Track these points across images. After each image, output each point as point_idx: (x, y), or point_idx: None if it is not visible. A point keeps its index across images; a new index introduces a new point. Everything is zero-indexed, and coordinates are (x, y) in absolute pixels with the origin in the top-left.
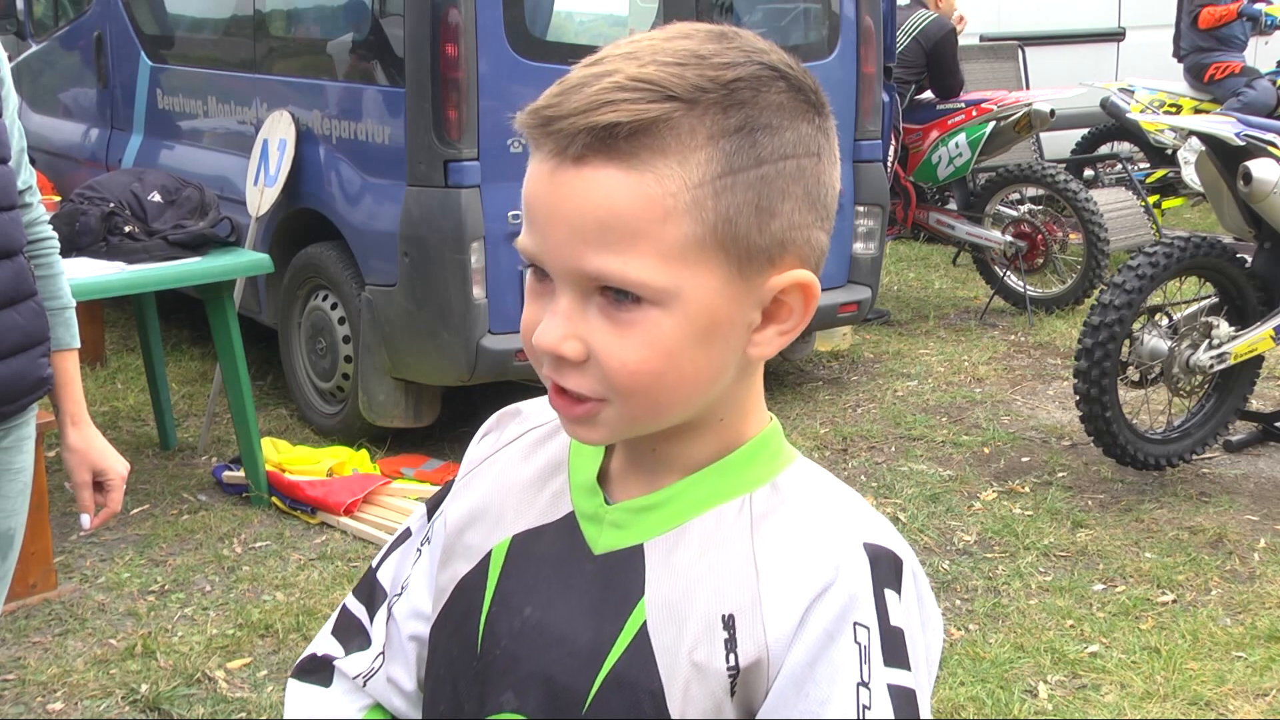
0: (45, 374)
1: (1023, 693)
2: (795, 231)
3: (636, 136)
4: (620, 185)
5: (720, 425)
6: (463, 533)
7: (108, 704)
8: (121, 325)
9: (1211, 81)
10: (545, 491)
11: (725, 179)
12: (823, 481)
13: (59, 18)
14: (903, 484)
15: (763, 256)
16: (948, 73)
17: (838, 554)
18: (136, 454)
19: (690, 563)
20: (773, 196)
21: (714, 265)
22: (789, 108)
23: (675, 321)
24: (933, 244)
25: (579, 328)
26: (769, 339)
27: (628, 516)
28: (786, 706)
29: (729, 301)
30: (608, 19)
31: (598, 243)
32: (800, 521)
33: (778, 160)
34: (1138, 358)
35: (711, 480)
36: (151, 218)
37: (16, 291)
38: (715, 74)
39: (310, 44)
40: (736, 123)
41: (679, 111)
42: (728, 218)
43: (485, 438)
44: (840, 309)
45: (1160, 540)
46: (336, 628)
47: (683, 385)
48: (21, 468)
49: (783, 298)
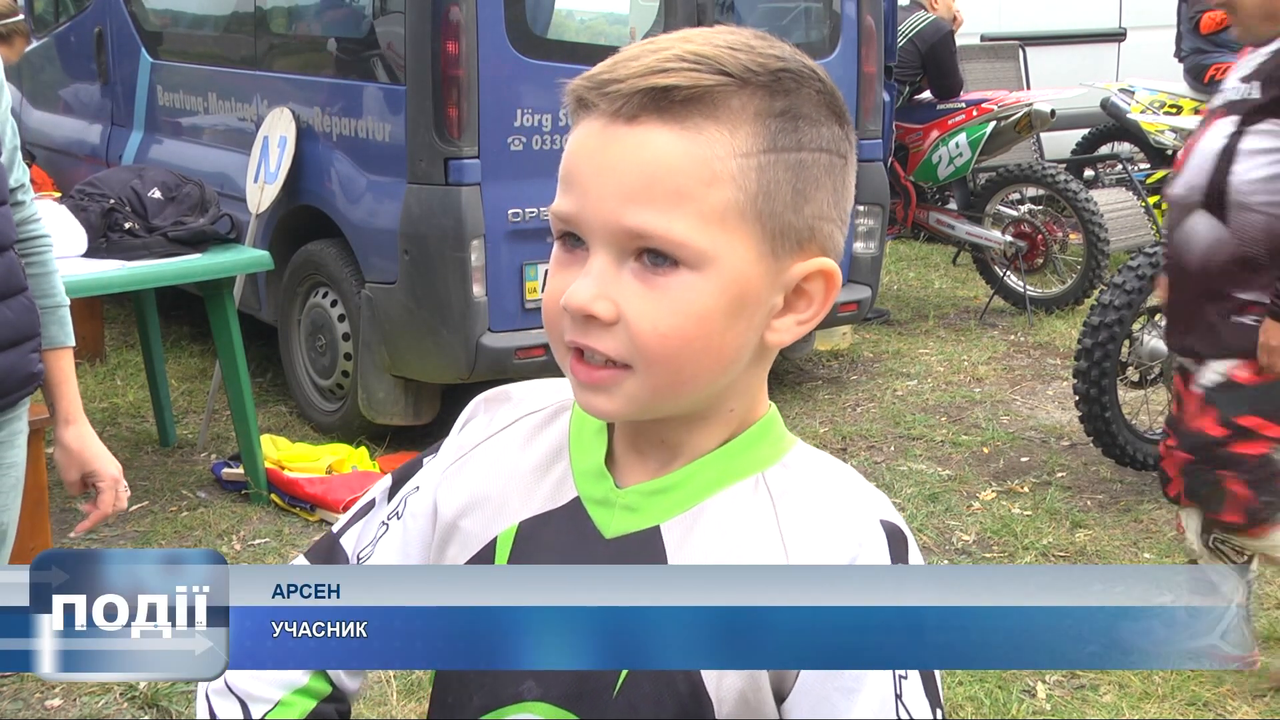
0: (36, 369)
1: (1021, 693)
2: (823, 222)
3: (690, 102)
4: (672, 144)
5: (730, 416)
6: (459, 520)
7: (106, 700)
8: (121, 322)
9: (1212, 82)
10: (548, 478)
11: (769, 155)
12: (827, 461)
13: (60, 14)
14: (902, 483)
15: (793, 237)
16: (946, 74)
17: (859, 531)
18: (136, 450)
19: (712, 541)
20: (808, 182)
21: (749, 236)
22: (824, 108)
23: (709, 287)
24: (933, 244)
25: (611, 288)
26: (787, 326)
27: (640, 500)
28: (823, 682)
29: (758, 277)
30: (608, 17)
31: (644, 198)
32: (820, 499)
33: (815, 150)
34: (1137, 358)
35: (721, 462)
36: (152, 214)
37: (6, 287)
38: (764, 61)
39: (311, 41)
40: (782, 107)
41: (731, 86)
42: (768, 191)
43: (472, 422)
44: (840, 308)
45: (1159, 540)
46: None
47: (707, 358)
48: (13, 463)
49: (805, 285)
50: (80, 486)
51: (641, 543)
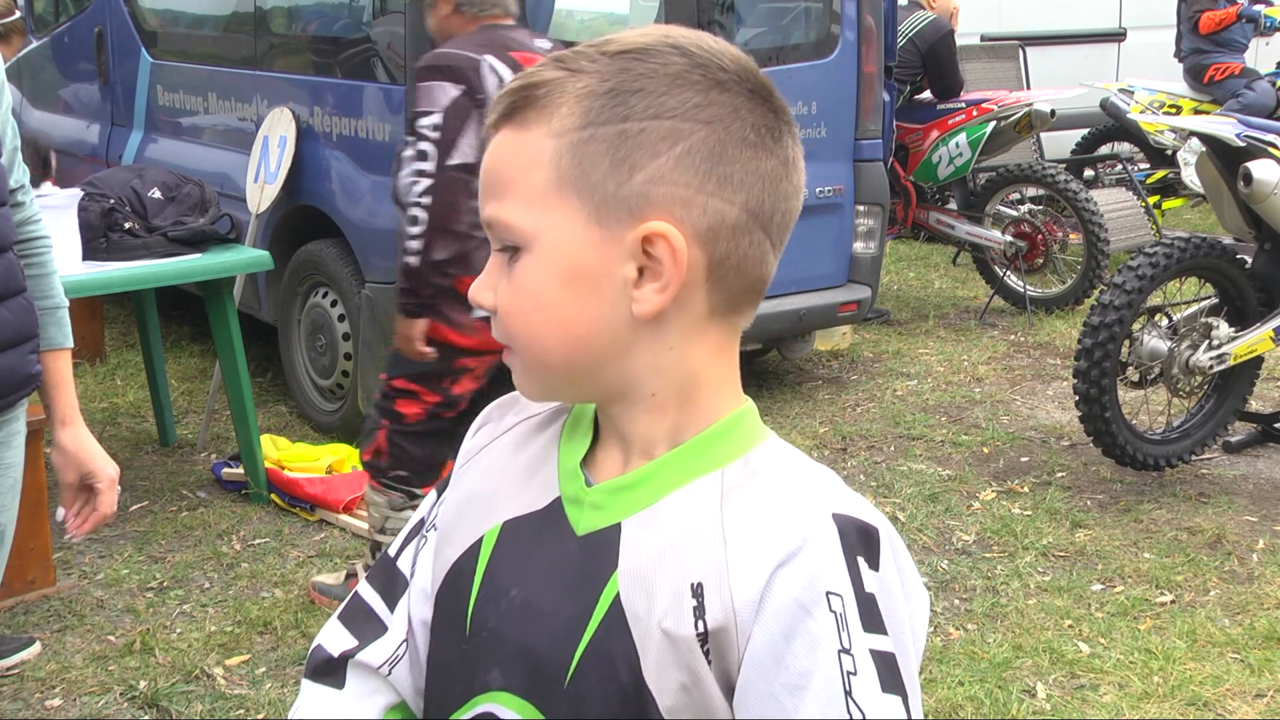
0: (34, 371)
1: (1021, 693)
2: (665, 188)
3: (525, 101)
4: (507, 141)
5: (655, 400)
6: (458, 520)
7: (106, 700)
8: (121, 322)
9: (1211, 82)
10: (536, 479)
11: (585, 130)
12: (796, 458)
13: (60, 13)
14: (902, 483)
15: (621, 207)
16: (946, 74)
17: (805, 523)
18: (136, 450)
19: (660, 535)
20: (634, 150)
21: (571, 210)
22: (679, 77)
23: (537, 263)
24: (933, 244)
25: (492, 279)
26: (647, 296)
27: (606, 497)
28: (766, 679)
29: (591, 249)
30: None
31: (491, 192)
32: (769, 493)
33: (647, 119)
34: (1137, 358)
35: (685, 458)
36: (152, 214)
37: (5, 288)
38: (612, 49)
39: (311, 41)
40: (609, 86)
41: (563, 77)
42: (582, 166)
43: (484, 427)
44: (840, 308)
45: (1159, 541)
46: (345, 614)
47: (551, 329)
48: (11, 463)
49: (651, 250)
50: (77, 488)
51: (604, 540)
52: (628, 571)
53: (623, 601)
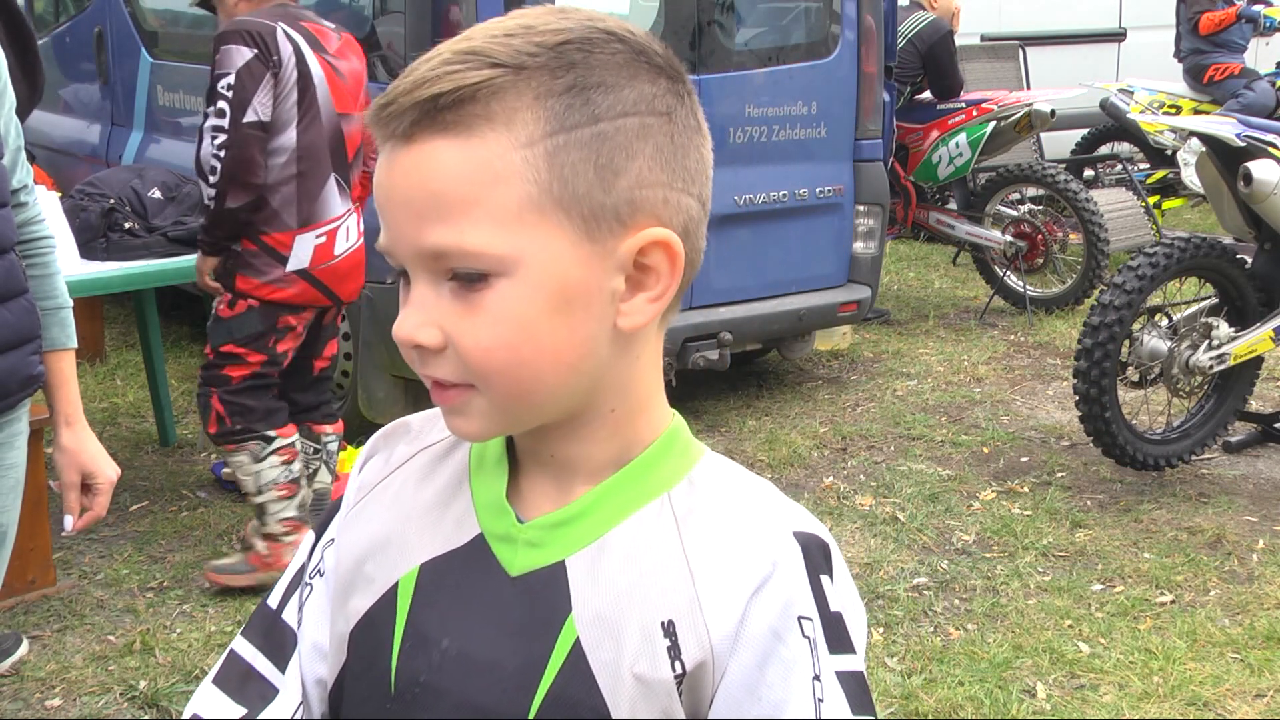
0: (36, 371)
1: (1021, 693)
2: (647, 190)
3: (461, 105)
4: (448, 153)
5: (613, 417)
6: (361, 565)
7: (106, 700)
8: (121, 321)
9: (1211, 83)
10: (449, 514)
11: (558, 137)
12: (735, 473)
13: (60, 13)
14: (902, 483)
15: (611, 216)
16: (945, 75)
17: (771, 546)
18: (136, 450)
19: (617, 573)
20: (615, 154)
21: (557, 227)
22: (628, 67)
23: (523, 291)
24: (933, 244)
25: (434, 314)
26: (638, 307)
27: (543, 534)
28: (739, 709)
29: (581, 266)
30: None
31: (434, 215)
32: (725, 516)
33: (617, 117)
34: (1137, 358)
35: (624, 486)
36: (152, 214)
37: (6, 289)
38: (543, 39)
39: None
40: (566, 83)
41: (503, 77)
42: (563, 177)
43: (373, 459)
44: (840, 308)
45: (1159, 541)
46: (222, 677)
47: (543, 361)
48: (13, 464)
49: (645, 260)
50: (78, 488)
51: (546, 580)
52: (587, 614)
53: (584, 647)
